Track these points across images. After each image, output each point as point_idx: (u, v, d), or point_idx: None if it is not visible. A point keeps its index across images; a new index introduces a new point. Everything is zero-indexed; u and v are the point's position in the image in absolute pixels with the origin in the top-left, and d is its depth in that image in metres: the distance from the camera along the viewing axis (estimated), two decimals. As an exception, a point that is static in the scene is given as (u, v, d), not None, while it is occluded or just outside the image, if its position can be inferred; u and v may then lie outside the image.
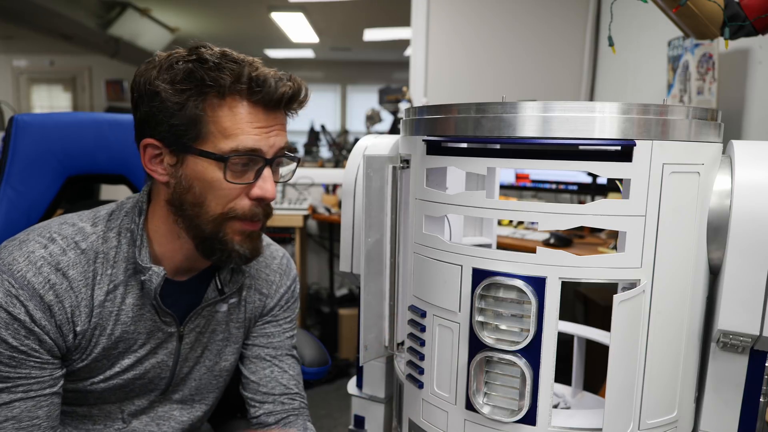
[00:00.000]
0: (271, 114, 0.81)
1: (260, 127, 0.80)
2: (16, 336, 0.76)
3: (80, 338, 0.82)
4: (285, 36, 5.89)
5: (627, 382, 0.66)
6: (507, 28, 3.17)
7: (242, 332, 1.01)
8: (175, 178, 0.82)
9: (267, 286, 1.02)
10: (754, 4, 1.01)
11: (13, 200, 1.16)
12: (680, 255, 0.67)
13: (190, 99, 0.78)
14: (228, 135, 0.79)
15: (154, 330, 0.88)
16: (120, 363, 0.87)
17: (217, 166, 0.79)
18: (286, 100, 0.81)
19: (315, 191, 3.46)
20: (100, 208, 0.90)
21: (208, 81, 0.77)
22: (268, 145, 0.81)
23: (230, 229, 0.83)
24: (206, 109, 0.78)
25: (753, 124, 1.74)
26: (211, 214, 0.82)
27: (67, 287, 0.80)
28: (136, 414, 0.93)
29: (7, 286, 0.76)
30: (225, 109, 0.79)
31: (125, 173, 1.29)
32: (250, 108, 0.80)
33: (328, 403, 2.67)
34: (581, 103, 0.63)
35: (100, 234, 0.85)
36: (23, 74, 6.43)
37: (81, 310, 0.81)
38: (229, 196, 0.81)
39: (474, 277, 0.69)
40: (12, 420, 0.77)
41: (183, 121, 0.79)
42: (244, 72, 0.78)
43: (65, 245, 0.81)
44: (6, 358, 0.76)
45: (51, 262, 0.79)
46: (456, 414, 0.74)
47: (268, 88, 0.79)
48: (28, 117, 1.18)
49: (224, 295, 0.94)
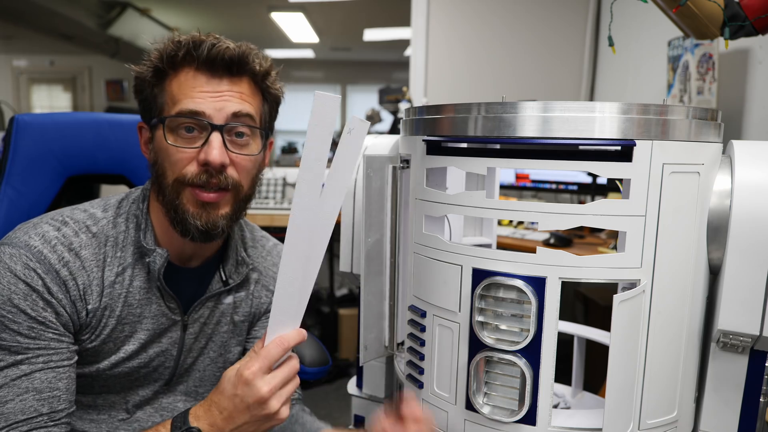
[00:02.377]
0: (217, 78, 0.83)
1: (204, 91, 0.82)
2: (34, 307, 0.78)
3: (91, 316, 0.84)
4: (285, 36, 5.89)
5: (627, 382, 0.66)
6: (507, 28, 3.16)
7: (246, 326, 1.02)
8: (152, 154, 0.87)
9: (274, 283, 1.03)
10: (754, 4, 1.01)
11: (13, 200, 1.16)
12: (680, 255, 0.67)
13: (154, 76, 0.84)
14: (175, 101, 0.83)
15: (159, 315, 0.89)
16: (125, 348, 0.88)
17: (164, 131, 0.83)
18: (228, 62, 0.82)
19: (315, 191, 3.46)
20: (110, 196, 0.93)
21: (164, 56, 0.83)
22: (214, 108, 0.82)
23: (185, 198, 0.84)
24: (164, 83, 0.84)
25: (753, 124, 1.74)
26: (167, 181, 0.84)
27: (79, 266, 0.82)
28: (140, 405, 0.94)
29: (25, 260, 0.79)
30: (175, 79, 0.84)
31: (125, 173, 1.29)
32: (195, 74, 0.83)
33: (328, 403, 2.67)
34: (581, 103, 0.63)
35: (110, 219, 0.88)
36: (23, 74, 6.43)
37: (92, 289, 0.83)
38: (180, 162, 0.83)
39: (474, 277, 0.69)
40: (33, 391, 0.77)
41: (147, 96, 0.86)
42: (191, 42, 0.81)
43: (77, 228, 0.84)
44: (25, 329, 0.78)
45: (64, 242, 0.82)
46: (456, 414, 0.74)
47: (203, 50, 0.81)
48: (29, 117, 1.18)
49: (228, 286, 0.95)
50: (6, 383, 0.77)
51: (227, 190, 0.85)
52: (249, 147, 0.86)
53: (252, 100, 0.86)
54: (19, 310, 0.77)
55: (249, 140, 0.87)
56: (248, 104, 0.85)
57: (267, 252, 1.05)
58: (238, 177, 0.85)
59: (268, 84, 0.89)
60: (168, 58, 0.83)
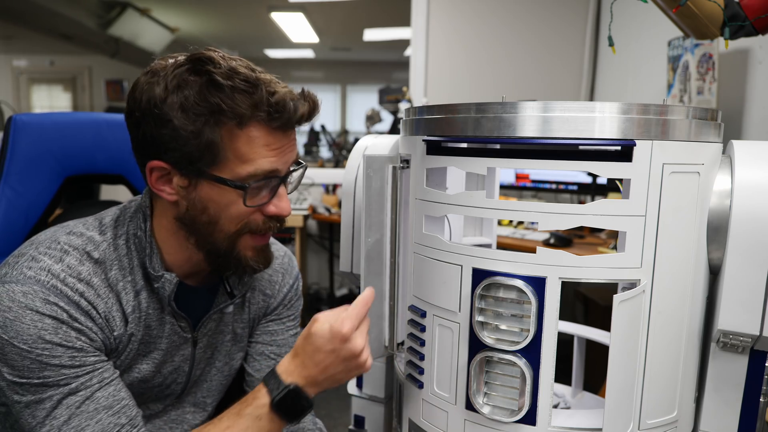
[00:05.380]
0: (286, 134, 0.80)
1: (276, 149, 0.79)
2: (67, 338, 0.75)
3: (117, 342, 0.82)
4: (285, 36, 5.89)
5: (627, 382, 0.66)
6: (507, 28, 3.16)
7: (247, 332, 1.02)
8: (187, 200, 0.80)
9: (270, 286, 1.03)
10: (754, 4, 1.01)
11: (11, 200, 1.16)
12: (680, 255, 0.67)
13: (205, 126, 0.74)
14: (245, 160, 0.76)
15: (172, 334, 0.89)
16: (139, 367, 0.87)
17: (234, 192, 0.78)
18: (299, 119, 0.80)
19: (315, 191, 3.46)
20: (103, 214, 0.88)
21: (225, 108, 0.73)
22: (284, 163, 0.80)
23: (243, 245, 0.83)
24: (223, 135, 0.75)
25: (753, 124, 1.74)
26: (225, 232, 0.81)
27: (94, 294, 0.79)
28: (150, 418, 0.93)
29: (43, 296, 0.74)
30: (243, 136, 0.76)
31: (124, 173, 1.29)
32: (269, 132, 0.77)
33: (328, 403, 2.67)
34: (581, 103, 0.63)
35: (110, 241, 0.83)
36: (23, 74, 6.43)
37: (113, 315, 0.80)
38: (244, 216, 0.81)
39: (474, 277, 0.68)
40: (104, 410, 0.77)
41: (197, 148, 0.75)
42: (263, 99, 0.74)
43: (79, 256, 0.80)
44: (67, 360, 0.75)
45: (71, 273, 0.78)
46: (456, 414, 0.73)
47: (288, 113, 0.76)
48: (27, 117, 1.18)
49: (234, 298, 0.94)
50: (74, 413, 0.75)
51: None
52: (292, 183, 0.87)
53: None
54: (53, 344, 0.74)
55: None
56: (296, 146, 0.84)
57: None
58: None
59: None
60: (238, 114, 0.74)
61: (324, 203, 3.28)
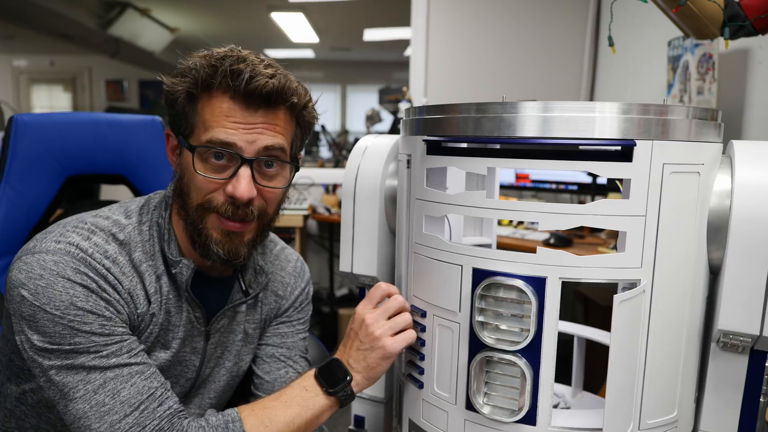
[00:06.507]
0: (252, 110, 0.80)
1: (237, 122, 0.80)
2: (97, 306, 0.77)
3: (140, 320, 0.83)
4: (285, 36, 5.89)
5: (627, 382, 0.66)
6: (507, 28, 3.16)
7: (258, 333, 1.02)
8: (178, 168, 0.86)
9: (282, 288, 1.03)
10: (754, 4, 1.01)
11: (12, 200, 1.16)
12: (680, 255, 0.67)
13: (180, 92, 0.81)
14: (206, 127, 0.80)
15: (187, 323, 0.89)
16: (156, 355, 0.87)
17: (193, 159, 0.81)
18: (266, 95, 0.79)
19: (315, 191, 3.46)
20: (129, 202, 0.91)
21: (197, 76, 0.80)
22: (246, 141, 0.80)
23: (209, 223, 0.83)
24: (196, 103, 0.81)
25: (753, 124, 1.74)
26: (191, 204, 0.83)
27: (120, 271, 0.81)
28: None
29: (74, 265, 0.77)
30: (208, 103, 0.81)
31: (124, 173, 1.29)
32: (231, 103, 0.80)
33: (328, 403, 2.67)
34: (581, 103, 0.63)
35: (135, 225, 0.86)
36: (23, 74, 6.42)
37: (137, 293, 0.82)
38: (206, 189, 0.82)
39: (474, 277, 0.69)
40: (137, 375, 0.78)
41: (177, 112, 0.83)
42: (225, 68, 0.78)
43: (106, 236, 0.82)
44: (98, 328, 0.76)
45: (99, 250, 0.80)
46: (456, 414, 0.74)
47: (240, 81, 0.78)
48: (28, 117, 1.18)
49: (249, 296, 0.95)
50: (108, 377, 0.76)
51: (252, 220, 0.84)
52: (277, 179, 0.85)
53: (285, 131, 0.84)
54: (85, 311, 0.76)
55: (278, 170, 0.85)
56: (281, 136, 0.83)
57: (274, 256, 1.04)
58: (264, 206, 0.85)
59: (305, 113, 0.86)
60: (203, 82, 0.80)
61: (324, 203, 3.28)
